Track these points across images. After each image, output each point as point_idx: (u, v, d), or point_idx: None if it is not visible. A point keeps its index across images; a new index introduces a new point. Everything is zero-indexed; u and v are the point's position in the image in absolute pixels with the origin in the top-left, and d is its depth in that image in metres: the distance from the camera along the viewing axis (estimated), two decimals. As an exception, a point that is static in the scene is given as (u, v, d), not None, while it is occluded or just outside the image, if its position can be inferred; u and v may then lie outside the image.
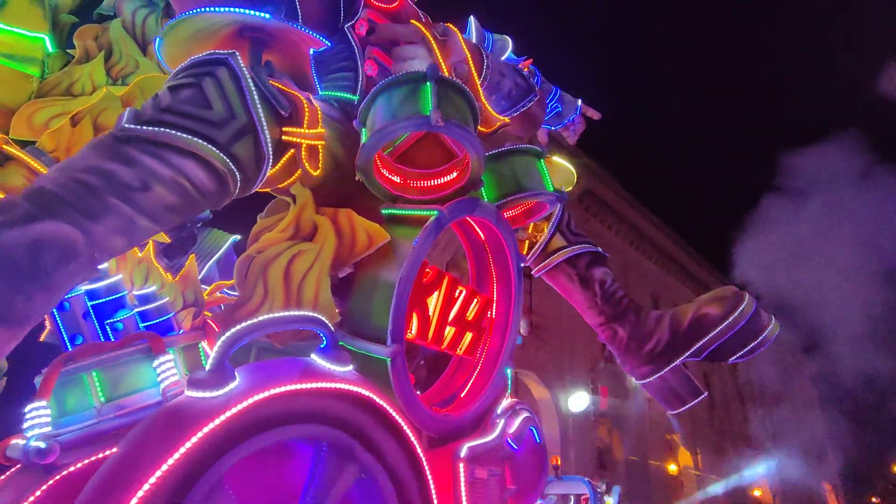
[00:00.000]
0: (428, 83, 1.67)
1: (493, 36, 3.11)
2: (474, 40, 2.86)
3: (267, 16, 1.61)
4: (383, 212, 1.83)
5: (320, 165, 1.71)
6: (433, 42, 2.08)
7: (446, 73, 2.02)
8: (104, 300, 2.31)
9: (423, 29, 2.10)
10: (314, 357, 1.35)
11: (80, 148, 2.39)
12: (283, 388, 1.18)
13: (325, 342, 1.36)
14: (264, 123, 1.41)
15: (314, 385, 1.24)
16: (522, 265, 2.34)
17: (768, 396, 21.97)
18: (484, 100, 2.17)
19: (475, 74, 2.14)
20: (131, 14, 2.81)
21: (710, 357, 2.31)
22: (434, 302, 1.85)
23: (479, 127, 1.93)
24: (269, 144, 1.44)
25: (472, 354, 2.04)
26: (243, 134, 1.36)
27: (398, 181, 1.85)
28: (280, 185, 1.77)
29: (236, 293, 1.82)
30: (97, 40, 2.71)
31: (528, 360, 13.54)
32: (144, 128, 1.23)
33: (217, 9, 1.53)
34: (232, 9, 1.56)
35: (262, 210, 1.97)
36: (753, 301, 2.29)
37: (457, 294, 1.91)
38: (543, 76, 3.14)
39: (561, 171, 2.67)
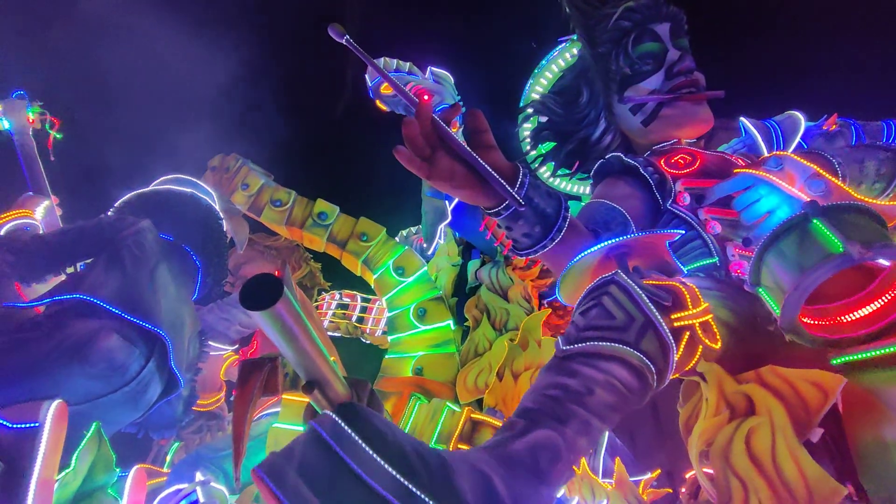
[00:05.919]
0: (815, 220, 1.61)
1: (776, 120, 2.91)
2: (761, 139, 2.72)
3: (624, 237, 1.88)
4: (834, 362, 1.66)
5: (718, 337, 1.71)
6: (769, 175, 2.06)
7: (805, 199, 1.92)
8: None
9: (752, 169, 2.12)
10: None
11: (510, 397, 2.96)
12: None
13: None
14: (659, 317, 1.55)
15: None
16: None
17: None
18: (861, 196, 1.95)
19: (834, 179, 1.98)
20: (488, 277, 3.63)
21: None
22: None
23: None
24: (669, 333, 1.54)
25: None
26: (645, 331, 1.51)
27: (828, 324, 1.70)
28: (686, 368, 1.80)
29: None
30: (477, 307, 3.53)
31: None
32: (574, 346, 1.49)
33: (591, 249, 1.86)
34: (604, 243, 1.88)
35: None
36: None
37: None
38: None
39: None
